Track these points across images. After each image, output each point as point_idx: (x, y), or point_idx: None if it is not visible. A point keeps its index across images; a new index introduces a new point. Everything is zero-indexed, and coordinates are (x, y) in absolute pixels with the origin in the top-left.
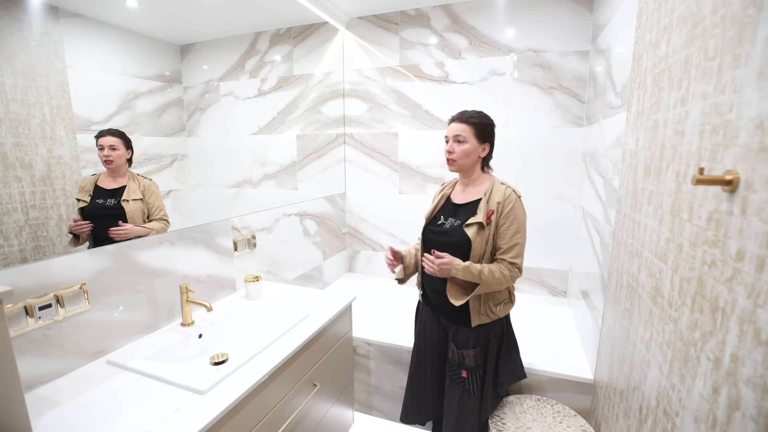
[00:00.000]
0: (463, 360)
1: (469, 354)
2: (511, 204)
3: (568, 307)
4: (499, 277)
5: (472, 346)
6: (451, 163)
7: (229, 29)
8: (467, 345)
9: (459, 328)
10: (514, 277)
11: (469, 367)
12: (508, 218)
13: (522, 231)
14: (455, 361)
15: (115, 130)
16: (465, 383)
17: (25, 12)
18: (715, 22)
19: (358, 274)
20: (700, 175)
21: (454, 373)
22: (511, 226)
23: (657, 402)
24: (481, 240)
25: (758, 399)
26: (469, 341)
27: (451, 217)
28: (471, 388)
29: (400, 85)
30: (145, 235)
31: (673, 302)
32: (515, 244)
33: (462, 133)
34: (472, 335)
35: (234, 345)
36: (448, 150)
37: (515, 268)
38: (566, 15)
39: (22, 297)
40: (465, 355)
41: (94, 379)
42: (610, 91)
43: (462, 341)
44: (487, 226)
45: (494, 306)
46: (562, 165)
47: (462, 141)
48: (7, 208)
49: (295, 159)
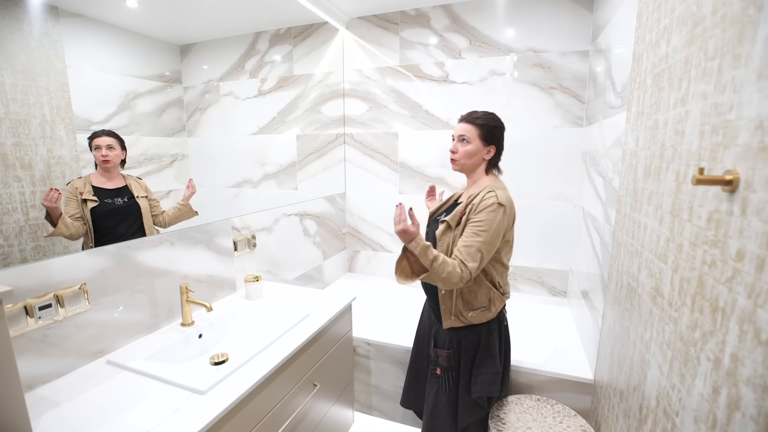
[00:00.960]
0: (438, 358)
1: (442, 354)
2: (485, 209)
3: (568, 307)
4: (450, 271)
5: (447, 347)
6: (453, 162)
7: (229, 29)
8: (443, 345)
9: (440, 326)
10: (464, 278)
11: (443, 366)
12: (475, 219)
13: (486, 237)
14: (432, 357)
15: (110, 131)
16: (439, 380)
17: (25, 12)
18: (715, 22)
19: (358, 274)
20: (700, 175)
21: (432, 368)
22: (475, 227)
23: (657, 402)
24: (446, 240)
25: (758, 399)
26: (445, 341)
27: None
28: (444, 386)
29: (400, 85)
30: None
31: (673, 302)
32: (471, 245)
33: (467, 133)
34: (447, 336)
35: (234, 345)
36: (451, 149)
37: (467, 270)
38: (566, 15)
39: (22, 297)
40: (439, 354)
41: (94, 379)
42: (610, 91)
43: (440, 340)
44: (456, 227)
45: (466, 311)
46: (562, 165)
47: (466, 141)
48: (7, 208)
49: (295, 159)
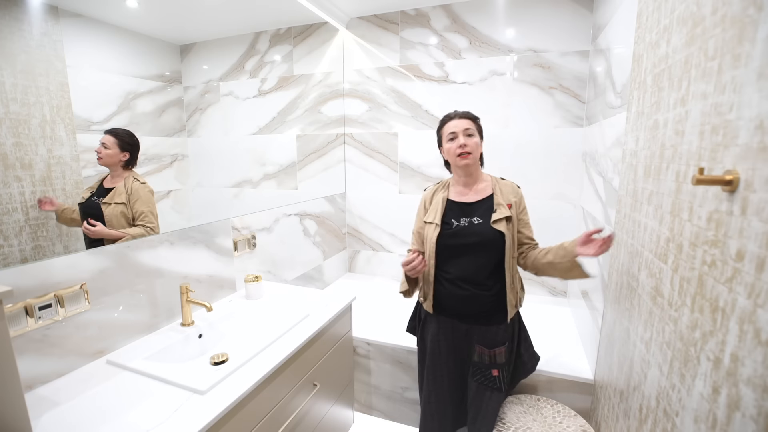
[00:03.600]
0: (495, 358)
1: (501, 351)
2: (521, 196)
3: (568, 307)
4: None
5: (501, 342)
6: (465, 157)
7: (229, 29)
8: (496, 342)
9: (486, 327)
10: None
11: (500, 364)
12: (525, 209)
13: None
14: (485, 363)
15: (120, 131)
16: (496, 382)
17: (25, 12)
18: (715, 22)
19: (358, 274)
20: (700, 175)
21: (483, 375)
22: (527, 216)
23: (657, 402)
24: (510, 233)
25: (758, 399)
26: (497, 338)
27: (463, 218)
28: (501, 384)
29: (400, 85)
30: (118, 239)
31: (673, 302)
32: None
33: (471, 126)
34: (500, 331)
35: (234, 345)
36: (462, 144)
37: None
38: (566, 15)
39: (22, 297)
40: (497, 353)
41: (94, 379)
42: (610, 91)
43: (490, 340)
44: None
45: (521, 293)
46: (562, 165)
47: (472, 135)
48: (7, 208)
49: (295, 159)
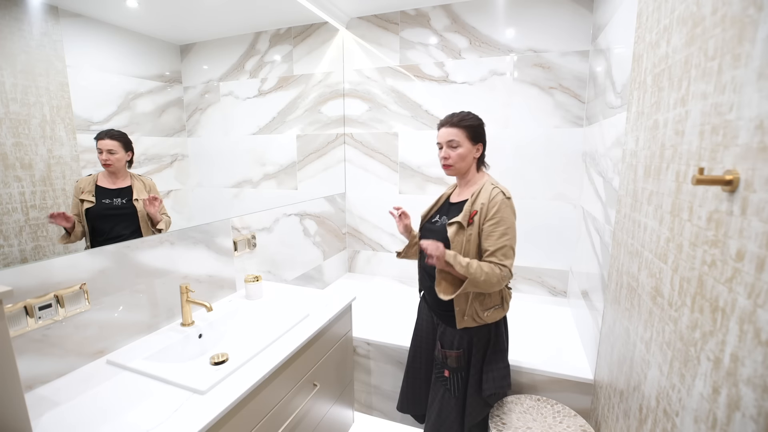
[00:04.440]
0: (446, 359)
1: (452, 354)
2: (497, 205)
3: (568, 307)
4: (489, 272)
5: (456, 347)
6: (447, 168)
7: (229, 29)
8: (452, 345)
9: (446, 327)
10: (505, 277)
11: (451, 368)
12: (494, 219)
13: (510, 233)
14: (439, 359)
15: (115, 132)
16: (447, 382)
17: (25, 12)
18: (715, 22)
19: (358, 274)
20: (700, 175)
21: (438, 371)
22: (498, 228)
23: (657, 402)
24: (460, 240)
25: (758, 399)
26: (454, 342)
27: (444, 215)
28: (452, 388)
29: (400, 85)
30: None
31: (673, 302)
32: (503, 246)
33: (455, 137)
34: (456, 336)
35: (234, 345)
36: (443, 156)
37: (505, 269)
38: (566, 15)
39: (22, 297)
40: (448, 355)
41: (94, 379)
42: (610, 91)
43: (447, 341)
44: (469, 226)
45: (482, 310)
46: (562, 165)
47: (456, 146)
48: (7, 208)
49: (295, 159)
